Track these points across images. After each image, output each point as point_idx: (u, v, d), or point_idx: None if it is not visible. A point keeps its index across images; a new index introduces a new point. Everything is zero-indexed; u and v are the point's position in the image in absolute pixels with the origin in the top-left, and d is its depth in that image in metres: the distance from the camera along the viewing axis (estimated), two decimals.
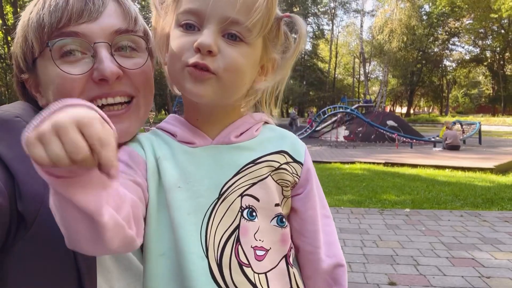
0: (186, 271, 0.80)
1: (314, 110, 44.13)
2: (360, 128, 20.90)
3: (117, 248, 0.69)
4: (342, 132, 21.51)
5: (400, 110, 66.09)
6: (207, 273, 0.81)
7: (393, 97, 63.90)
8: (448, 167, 11.39)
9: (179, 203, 0.84)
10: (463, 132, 18.78)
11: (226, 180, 0.86)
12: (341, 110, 23.64)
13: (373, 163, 12.33)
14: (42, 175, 0.55)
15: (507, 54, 52.72)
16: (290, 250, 0.92)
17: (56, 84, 0.89)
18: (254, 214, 0.86)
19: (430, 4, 51.82)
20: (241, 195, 0.86)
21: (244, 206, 0.86)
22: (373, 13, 54.78)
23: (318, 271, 0.94)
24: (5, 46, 27.83)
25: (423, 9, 53.45)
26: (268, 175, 0.89)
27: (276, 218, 0.89)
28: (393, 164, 12.12)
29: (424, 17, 53.26)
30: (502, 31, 50.29)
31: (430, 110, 74.15)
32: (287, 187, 0.92)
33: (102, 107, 0.93)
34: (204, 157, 0.88)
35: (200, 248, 0.82)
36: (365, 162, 12.34)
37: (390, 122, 21.04)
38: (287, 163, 0.92)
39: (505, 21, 46.64)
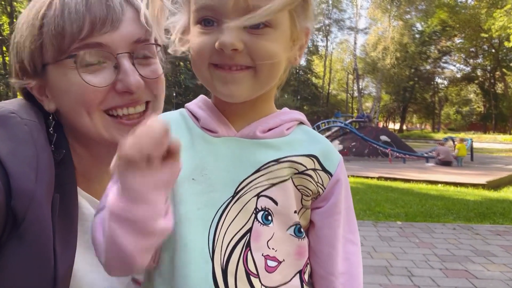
0: (184, 272, 0.72)
1: None
2: (354, 143, 21.05)
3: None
4: (336, 146, 21.60)
5: (393, 126, 66.71)
6: (208, 278, 0.72)
7: (386, 113, 64.62)
8: (441, 182, 11.50)
9: (191, 196, 0.77)
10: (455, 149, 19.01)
11: (244, 177, 0.78)
12: (335, 124, 23.86)
13: (367, 177, 12.42)
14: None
15: (497, 72, 53.66)
16: (306, 266, 0.82)
17: (74, 92, 0.88)
18: (269, 218, 0.78)
19: (422, 23, 52.81)
20: (258, 196, 0.78)
21: (260, 208, 0.77)
22: (367, 30, 55.76)
23: None
24: (0, 56, 27.82)
25: (415, 28, 54.52)
26: (289, 178, 0.80)
27: (293, 227, 0.80)
28: (386, 179, 12.21)
29: (417, 36, 54.29)
30: (493, 50, 51.32)
31: (423, 127, 74.95)
32: (308, 196, 0.82)
33: (121, 117, 0.93)
34: (224, 149, 0.80)
35: (206, 248, 0.74)
36: (359, 176, 12.42)
37: (384, 138, 21.24)
38: (314, 169, 0.81)
39: (496, 40, 47.61)
